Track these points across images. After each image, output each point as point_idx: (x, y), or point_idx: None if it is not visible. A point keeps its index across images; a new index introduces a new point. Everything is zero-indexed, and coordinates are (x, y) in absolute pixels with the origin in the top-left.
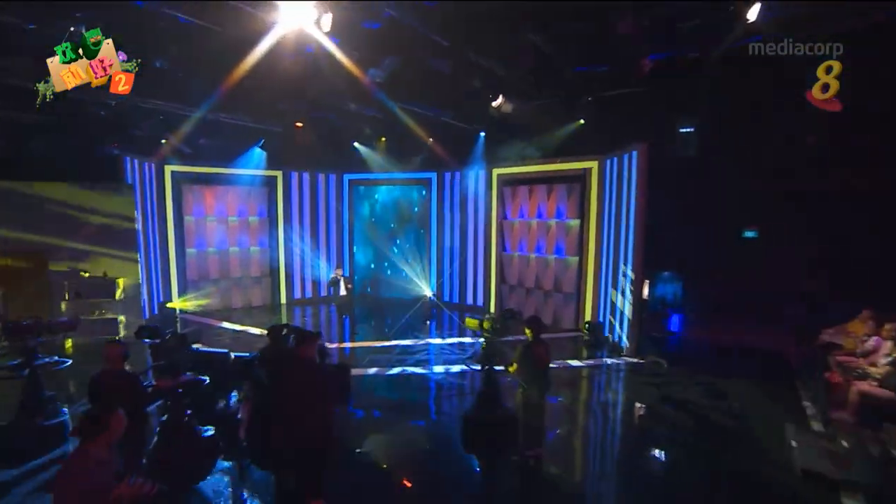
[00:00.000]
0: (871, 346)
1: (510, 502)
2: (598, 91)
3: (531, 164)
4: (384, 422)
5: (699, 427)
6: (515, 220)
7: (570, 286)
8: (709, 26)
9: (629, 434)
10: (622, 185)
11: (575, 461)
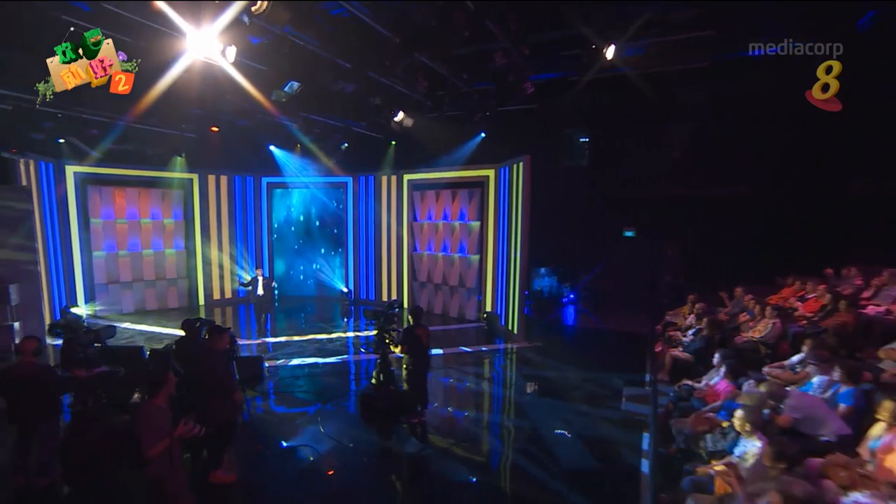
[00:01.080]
0: (689, 322)
1: (401, 459)
2: (493, 107)
3: (437, 172)
4: (299, 402)
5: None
6: (424, 222)
7: (473, 281)
8: (582, 56)
9: (501, 401)
10: (513, 192)
11: (455, 425)
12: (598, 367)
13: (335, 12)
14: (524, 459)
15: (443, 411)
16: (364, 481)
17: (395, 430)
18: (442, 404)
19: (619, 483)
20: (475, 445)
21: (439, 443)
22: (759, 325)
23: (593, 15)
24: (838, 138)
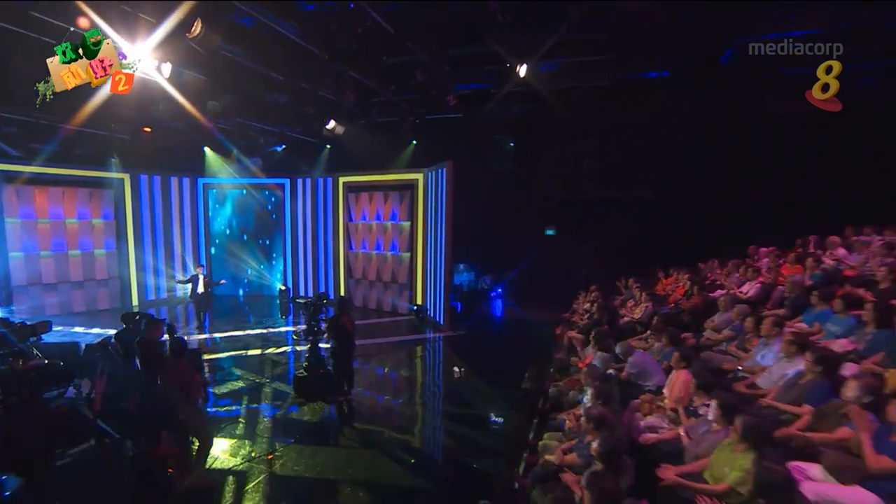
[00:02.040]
0: (585, 307)
1: (332, 431)
2: (421, 115)
3: (371, 175)
4: (238, 387)
5: (473, 370)
6: (359, 222)
7: (404, 277)
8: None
9: (421, 383)
10: (438, 194)
11: (378, 403)
12: (510, 351)
13: (267, 31)
14: (435, 431)
15: (369, 392)
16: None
17: (325, 408)
18: (370, 387)
19: (502, 432)
20: (393, 420)
21: (364, 420)
22: (637, 309)
23: (505, 36)
24: (726, 151)
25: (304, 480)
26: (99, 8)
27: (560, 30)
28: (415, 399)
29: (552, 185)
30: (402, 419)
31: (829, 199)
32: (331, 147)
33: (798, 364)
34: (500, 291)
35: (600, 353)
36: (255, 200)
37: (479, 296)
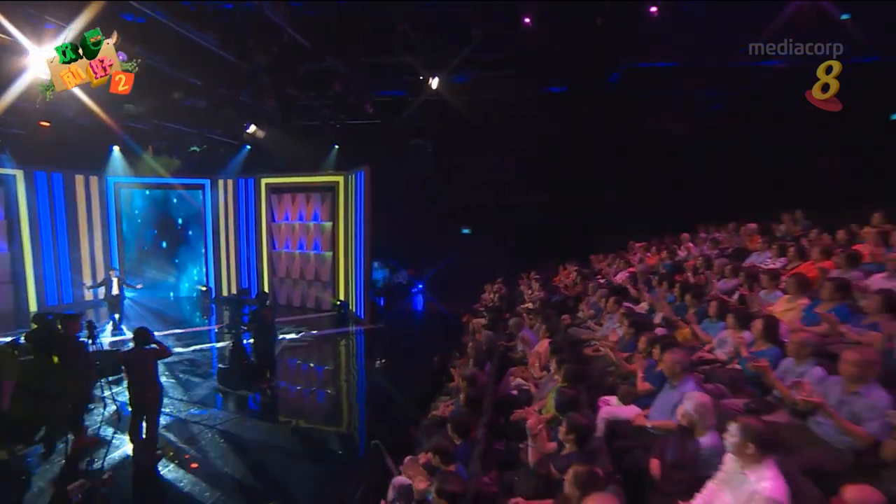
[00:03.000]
0: (490, 297)
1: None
2: (342, 120)
3: (293, 176)
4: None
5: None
6: (282, 223)
7: (327, 276)
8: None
9: (341, 369)
10: (357, 196)
11: (300, 388)
12: (424, 339)
13: (185, 38)
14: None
15: (292, 378)
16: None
17: (248, 396)
18: (294, 375)
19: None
20: (313, 400)
21: (286, 402)
22: (534, 296)
23: (418, 50)
24: (613, 160)
25: (223, 461)
26: (4, 9)
27: (466, 48)
28: (335, 382)
29: (468, 188)
30: (322, 399)
31: (688, 202)
32: (253, 149)
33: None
34: (420, 287)
35: (486, 331)
36: (174, 200)
37: (401, 291)
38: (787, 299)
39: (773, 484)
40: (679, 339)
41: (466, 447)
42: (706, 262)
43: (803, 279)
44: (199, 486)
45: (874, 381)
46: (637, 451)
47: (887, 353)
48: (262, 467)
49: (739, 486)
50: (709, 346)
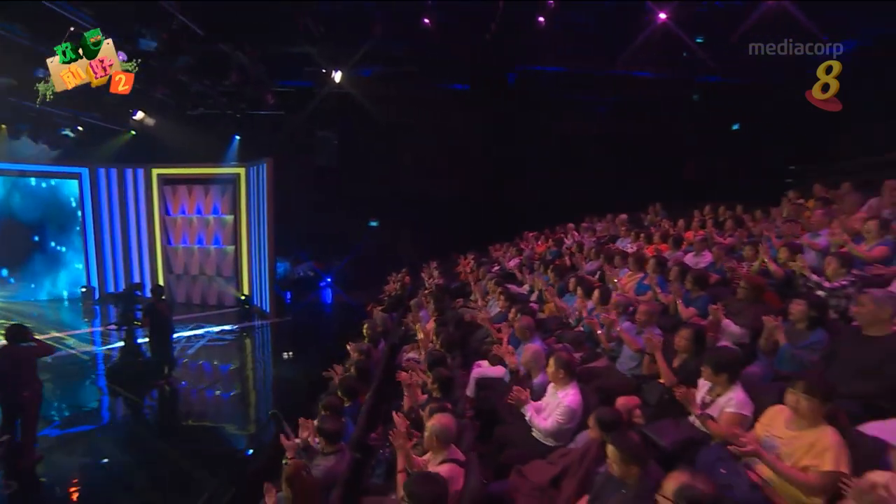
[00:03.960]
0: (393, 287)
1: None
2: (243, 110)
3: (189, 168)
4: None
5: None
6: (178, 216)
7: (229, 270)
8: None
9: (246, 362)
10: (260, 188)
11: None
12: (329, 332)
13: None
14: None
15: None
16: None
17: (143, 394)
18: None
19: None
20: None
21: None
22: (432, 283)
23: (319, 42)
24: (496, 157)
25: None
26: None
27: (366, 43)
28: (239, 377)
29: (375, 181)
30: (224, 394)
31: (577, 196)
32: (140, 137)
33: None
34: (328, 280)
35: (381, 313)
36: (42, 191)
37: (309, 285)
38: (629, 274)
39: (573, 397)
40: (546, 312)
41: (354, 408)
42: (579, 247)
43: (639, 258)
44: (87, 487)
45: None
46: (492, 396)
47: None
48: (152, 465)
49: (553, 401)
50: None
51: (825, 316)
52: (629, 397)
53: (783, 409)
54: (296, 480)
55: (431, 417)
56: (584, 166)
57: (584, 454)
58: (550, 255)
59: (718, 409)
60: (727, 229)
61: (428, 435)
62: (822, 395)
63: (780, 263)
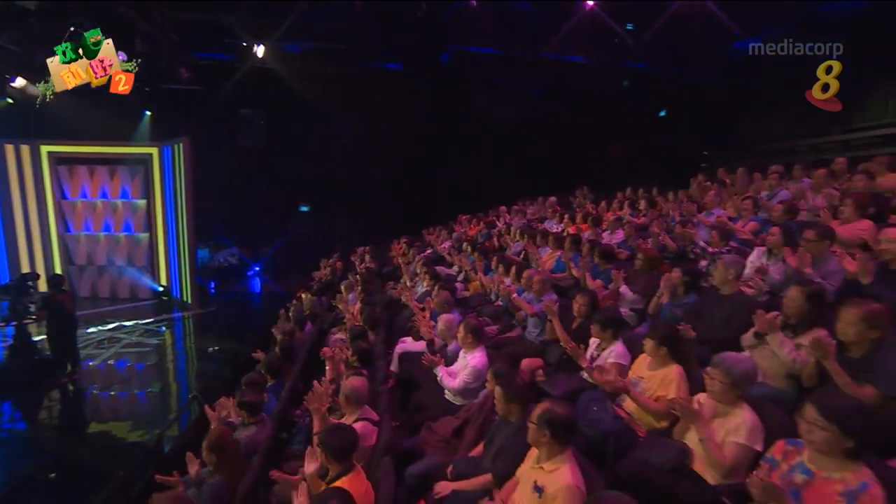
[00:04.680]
0: (324, 272)
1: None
2: (153, 84)
3: (88, 145)
4: None
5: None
6: (77, 200)
7: (143, 260)
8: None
9: (163, 355)
10: (177, 170)
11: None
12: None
13: None
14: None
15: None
16: None
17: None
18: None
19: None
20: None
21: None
22: (363, 267)
23: (236, 11)
24: (431, 140)
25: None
26: None
27: (290, 16)
28: (160, 366)
29: (305, 163)
30: (141, 385)
31: (511, 179)
32: (25, 108)
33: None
34: (257, 268)
35: (309, 296)
36: None
37: (235, 273)
38: (549, 252)
39: (479, 359)
40: (471, 290)
41: (278, 386)
42: (507, 229)
43: (558, 237)
44: None
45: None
46: (413, 369)
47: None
48: (62, 466)
49: (462, 364)
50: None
51: (698, 281)
52: (533, 359)
53: (646, 356)
54: (220, 446)
55: (345, 381)
56: (518, 150)
57: (483, 405)
58: (481, 237)
59: (602, 361)
60: (641, 210)
61: (342, 396)
62: (659, 338)
63: (675, 238)
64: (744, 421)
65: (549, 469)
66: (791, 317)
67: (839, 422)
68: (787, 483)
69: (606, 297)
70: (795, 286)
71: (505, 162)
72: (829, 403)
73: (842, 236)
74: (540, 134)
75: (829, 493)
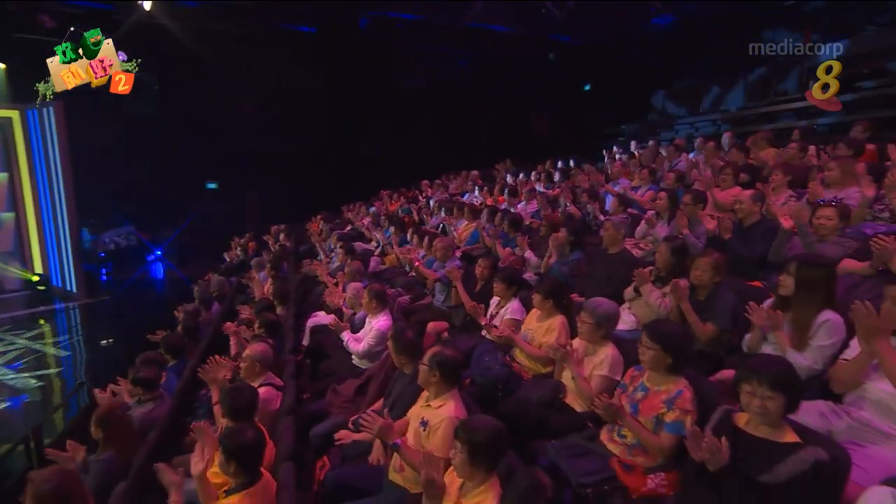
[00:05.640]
0: (236, 252)
1: None
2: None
3: None
4: None
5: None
6: None
7: (9, 244)
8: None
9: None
10: (48, 139)
11: None
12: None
13: None
14: None
15: None
16: None
17: None
18: None
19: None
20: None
21: None
22: (277, 246)
23: None
24: (350, 111)
25: None
26: None
27: None
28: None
29: (210, 136)
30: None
31: (434, 152)
32: None
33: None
34: (158, 252)
35: (216, 276)
36: None
37: (133, 258)
38: (465, 224)
39: (383, 322)
40: (387, 263)
41: (180, 365)
42: (427, 203)
43: (473, 209)
44: None
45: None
46: (323, 340)
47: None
48: None
49: (367, 328)
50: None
51: (582, 240)
52: (439, 322)
53: (536, 310)
54: (108, 420)
55: (249, 347)
56: (441, 123)
57: (384, 362)
58: (402, 212)
59: (500, 319)
60: (556, 182)
61: (244, 363)
62: (545, 291)
63: (580, 206)
64: (607, 356)
65: (436, 406)
66: (662, 269)
67: (660, 342)
68: (631, 400)
69: (513, 263)
70: (663, 242)
71: (428, 135)
72: (655, 328)
73: (720, 201)
74: (464, 106)
75: (657, 403)
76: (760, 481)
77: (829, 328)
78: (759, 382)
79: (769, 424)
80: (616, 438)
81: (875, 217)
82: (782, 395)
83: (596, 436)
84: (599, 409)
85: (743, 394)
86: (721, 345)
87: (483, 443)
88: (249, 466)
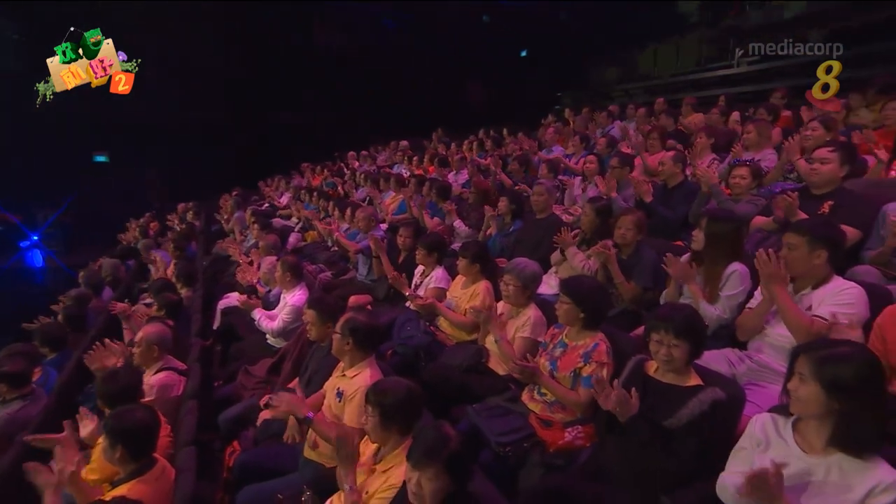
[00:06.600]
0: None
1: None
2: None
3: None
4: None
5: None
6: None
7: None
8: None
9: None
10: None
11: None
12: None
13: None
14: None
15: None
16: None
17: None
18: None
19: None
20: None
21: None
22: (181, 227)
23: None
24: (261, 76)
25: None
26: None
27: None
28: None
29: (96, 101)
30: None
31: (357, 123)
32: None
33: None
34: (35, 238)
35: (106, 259)
36: None
37: (2, 245)
38: (392, 196)
39: (298, 297)
40: (309, 239)
41: (62, 358)
42: (353, 176)
43: (400, 179)
44: None
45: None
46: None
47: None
48: None
49: (281, 304)
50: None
51: (522, 209)
52: (361, 296)
53: (461, 276)
54: None
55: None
56: (368, 90)
57: (299, 337)
58: (327, 185)
59: (425, 288)
60: (488, 150)
61: (138, 347)
62: (471, 256)
63: (510, 175)
64: (529, 318)
65: (352, 375)
66: (587, 231)
67: (572, 296)
68: (551, 357)
69: (441, 232)
70: (588, 203)
71: (354, 103)
72: (568, 283)
73: (648, 165)
74: (393, 72)
75: (574, 357)
76: (666, 426)
77: (736, 278)
78: (665, 331)
79: (675, 371)
80: (536, 397)
81: (785, 177)
82: (686, 342)
83: (518, 397)
84: (516, 373)
85: (652, 343)
86: (644, 303)
87: (394, 405)
88: (140, 452)
